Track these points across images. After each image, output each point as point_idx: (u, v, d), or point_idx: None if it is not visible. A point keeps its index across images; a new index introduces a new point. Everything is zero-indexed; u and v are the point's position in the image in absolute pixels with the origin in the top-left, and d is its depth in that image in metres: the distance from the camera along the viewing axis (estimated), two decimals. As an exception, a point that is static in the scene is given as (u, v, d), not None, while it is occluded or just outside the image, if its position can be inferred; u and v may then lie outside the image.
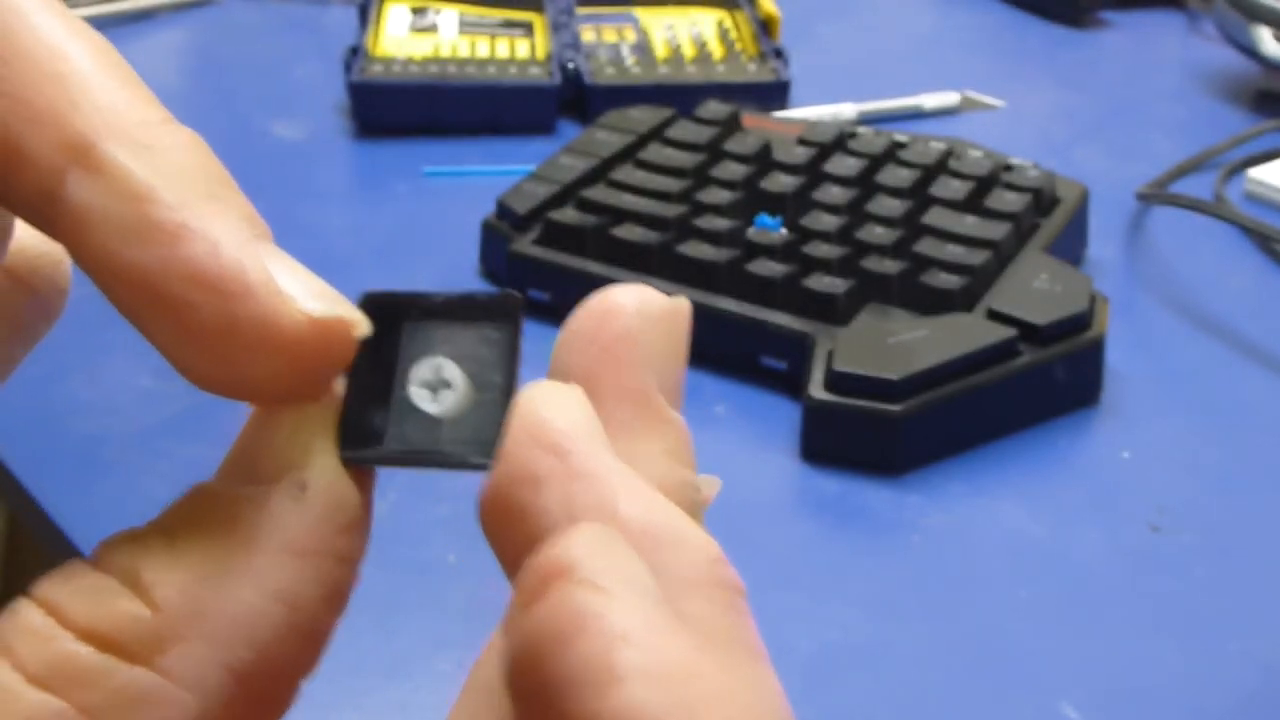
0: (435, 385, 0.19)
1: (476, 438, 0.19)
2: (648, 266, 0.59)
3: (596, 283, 0.64)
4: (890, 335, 0.53)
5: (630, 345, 0.20)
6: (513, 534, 0.18)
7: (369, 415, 0.19)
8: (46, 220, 0.18)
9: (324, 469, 0.19)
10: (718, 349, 0.57)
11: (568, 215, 0.61)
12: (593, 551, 0.17)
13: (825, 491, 0.51)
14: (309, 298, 0.18)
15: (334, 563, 0.18)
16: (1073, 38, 0.99)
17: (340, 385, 0.19)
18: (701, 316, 0.58)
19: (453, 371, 0.19)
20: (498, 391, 0.19)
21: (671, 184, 0.63)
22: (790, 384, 0.55)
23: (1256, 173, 0.75)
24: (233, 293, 0.18)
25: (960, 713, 0.42)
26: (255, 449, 0.19)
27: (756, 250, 0.58)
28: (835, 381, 0.52)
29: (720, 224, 0.59)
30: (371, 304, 0.19)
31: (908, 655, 0.44)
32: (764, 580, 0.47)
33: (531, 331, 0.20)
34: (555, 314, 0.68)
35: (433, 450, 0.19)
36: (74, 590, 0.18)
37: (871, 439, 0.52)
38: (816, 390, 0.52)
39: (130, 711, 0.17)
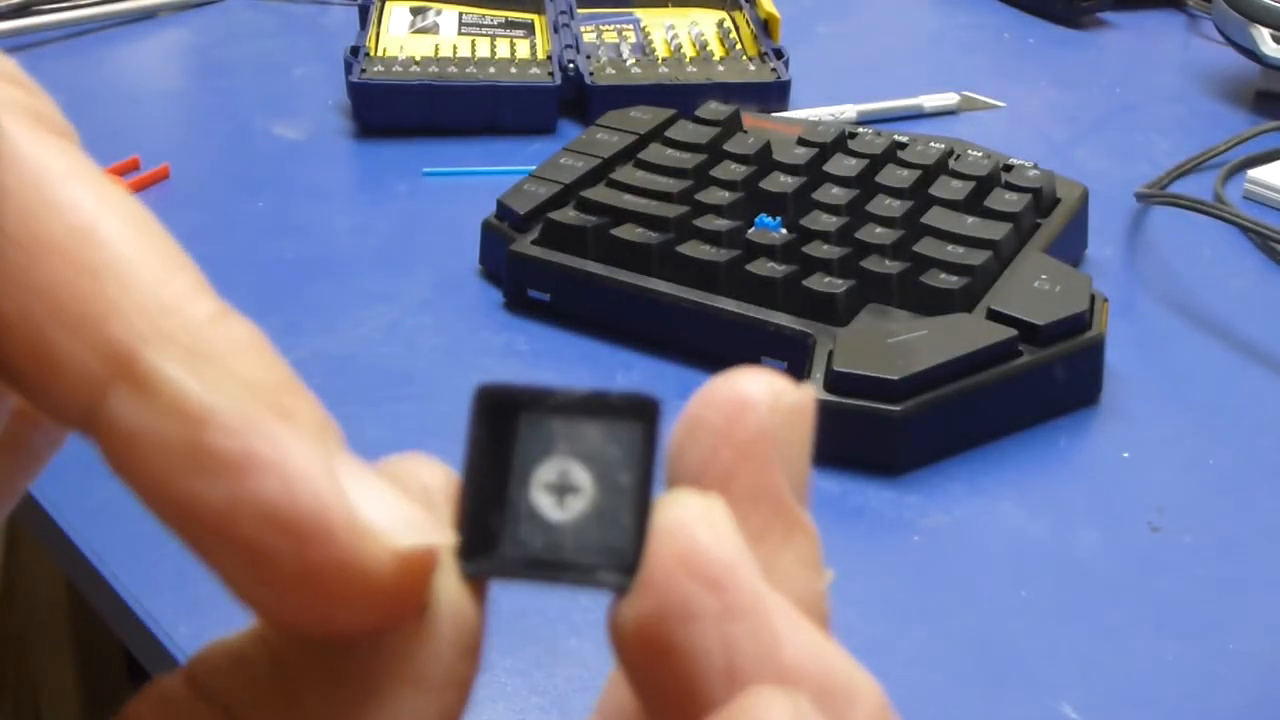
0: (561, 489, 0.17)
1: (607, 548, 0.17)
2: (648, 267, 0.59)
3: (597, 283, 0.65)
4: (890, 335, 0.53)
5: (767, 446, 0.18)
6: (660, 671, 0.17)
7: (484, 521, 0.18)
8: (89, 436, 0.16)
9: (448, 589, 0.17)
10: (718, 349, 0.57)
11: (568, 215, 0.61)
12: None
13: (825, 491, 0.51)
14: (395, 528, 0.16)
15: (457, 692, 0.17)
16: (1073, 38, 0.99)
17: (455, 486, 0.18)
18: (701, 316, 0.59)
19: (581, 475, 0.17)
20: (628, 497, 0.17)
21: (671, 184, 0.63)
22: (790, 384, 0.55)
23: (1256, 173, 0.75)
24: (312, 536, 0.15)
25: (960, 713, 0.42)
26: None
27: (756, 250, 0.58)
28: (835, 381, 0.52)
29: (720, 224, 0.59)
30: (488, 398, 0.18)
31: (908, 655, 0.44)
32: (764, 580, 0.47)
33: (532, 330, 0.19)
34: (555, 314, 0.68)
35: (563, 564, 0.17)
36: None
37: (871, 439, 0.52)
38: (816, 390, 0.52)
39: None
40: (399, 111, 0.78)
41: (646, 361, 0.58)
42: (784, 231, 0.60)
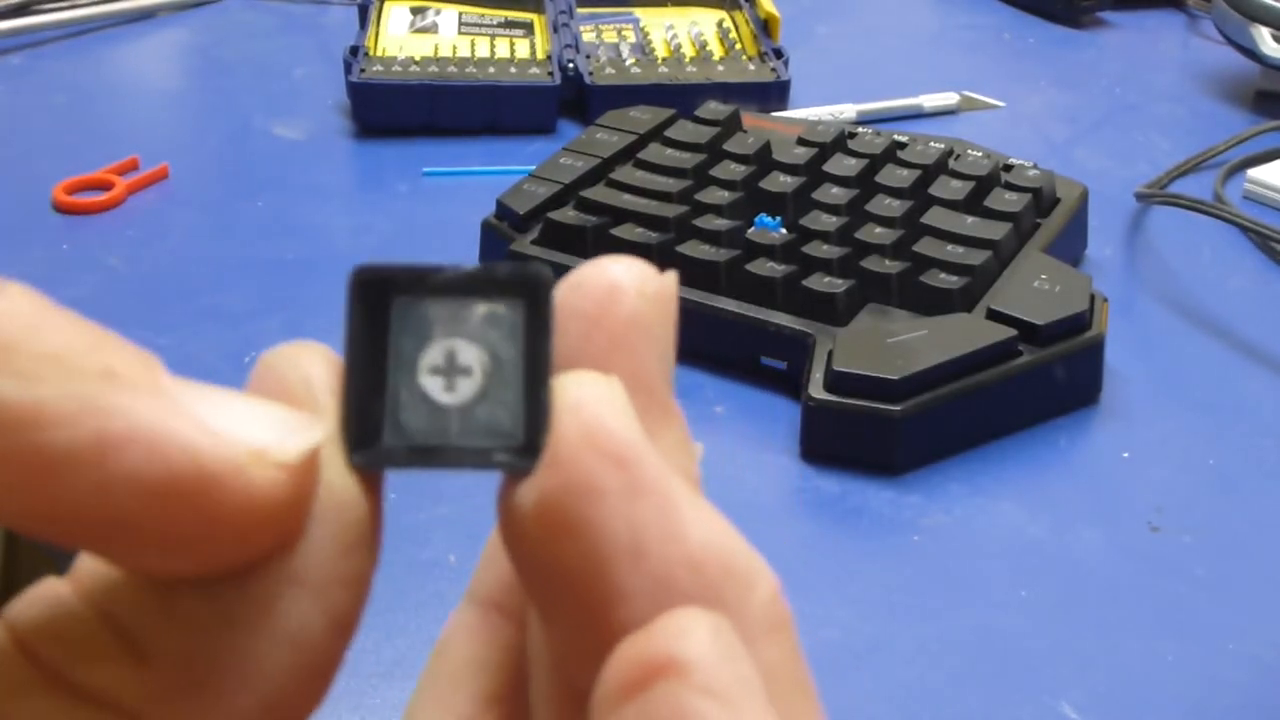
0: (449, 372, 0.17)
1: (499, 430, 0.17)
2: (648, 266, 0.59)
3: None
4: (890, 335, 0.53)
5: (638, 332, 0.18)
6: (562, 551, 0.16)
7: (372, 412, 0.17)
8: None
9: (330, 482, 0.16)
10: (718, 349, 0.57)
11: (568, 215, 0.61)
12: (710, 653, 0.15)
13: (825, 491, 0.51)
14: (274, 439, 0.15)
15: (342, 590, 0.16)
16: (1073, 38, 0.99)
17: (337, 378, 0.17)
18: (701, 316, 0.59)
19: (470, 356, 0.17)
20: (521, 380, 0.17)
21: (671, 184, 0.63)
22: (790, 384, 0.55)
23: (1256, 173, 0.75)
24: (197, 489, 0.15)
25: (960, 713, 0.42)
26: None
27: (756, 250, 0.58)
28: (835, 381, 0.52)
29: (720, 224, 0.59)
30: (365, 279, 0.17)
31: (908, 655, 0.44)
32: (764, 580, 0.47)
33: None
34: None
35: (456, 448, 0.17)
36: (55, 636, 0.15)
37: (871, 439, 0.52)
38: (816, 390, 0.52)
39: None
40: (399, 111, 0.78)
41: (646, 361, 0.58)
42: (784, 231, 0.60)
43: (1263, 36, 0.84)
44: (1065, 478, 0.53)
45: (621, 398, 0.17)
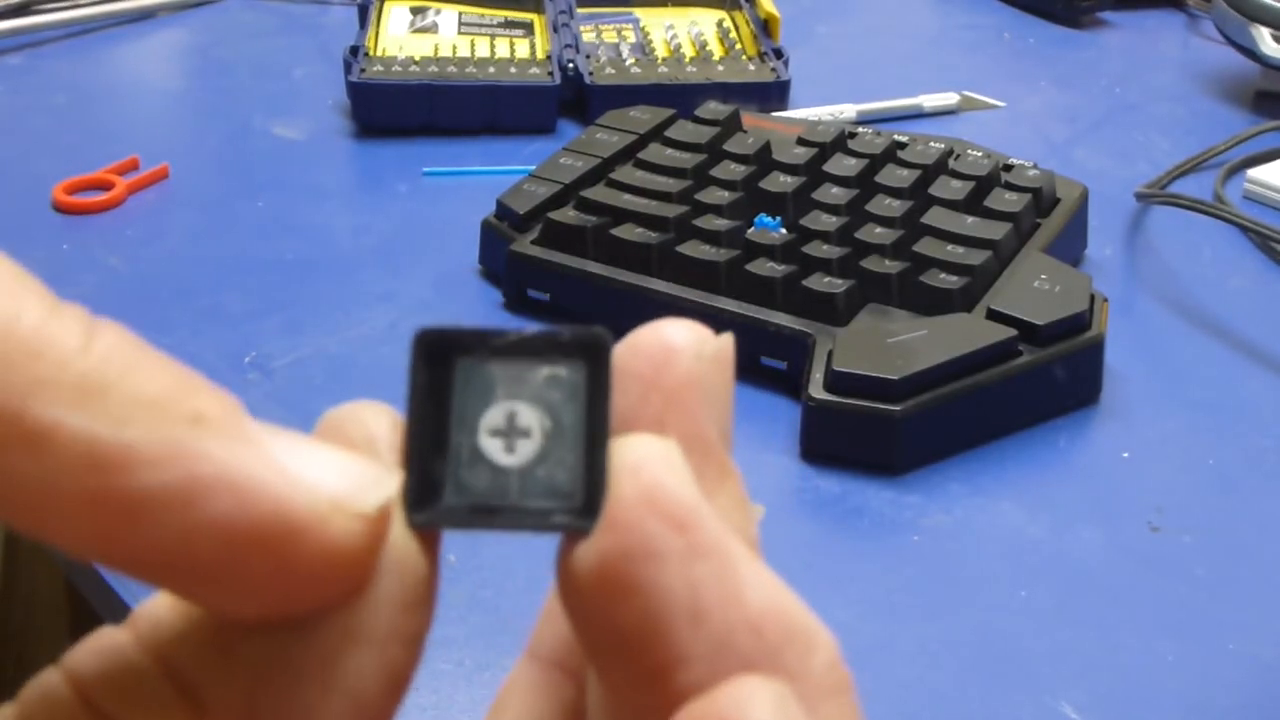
0: (509, 433, 0.17)
1: (557, 491, 0.17)
2: (648, 266, 0.59)
3: (596, 283, 0.65)
4: (890, 335, 0.53)
5: (695, 392, 0.18)
6: (621, 614, 0.16)
7: (430, 470, 0.17)
8: None
9: (393, 540, 0.16)
10: (718, 349, 0.57)
11: (568, 215, 0.61)
12: (772, 716, 0.16)
13: (825, 491, 0.51)
14: (353, 490, 0.16)
15: (401, 648, 0.16)
16: (1073, 38, 0.99)
17: (399, 437, 0.17)
18: (701, 316, 0.58)
19: (530, 417, 0.17)
20: (581, 442, 0.17)
21: (671, 184, 0.63)
22: (790, 384, 0.55)
23: (1256, 173, 0.75)
24: (280, 537, 0.15)
25: (960, 713, 0.42)
26: None
27: (756, 250, 0.58)
28: (835, 381, 0.52)
29: (720, 224, 0.59)
30: (428, 341, 0.17)
31: (908, 655, 0.44)
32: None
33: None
34: (555, 314, 0.68)
35: (515, 508, 0.17)
36: (115, 687, 0.15)
37: (871, 439, 0.52)
38: (816, 390, 0.52)
39: None
40: (399, 111, 0.78)
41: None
42: (784, 231, 0.60)
43: (1263, 36, 0.84)
44: (1065, 478, 0.53)
45: (679, 459, 0.17)
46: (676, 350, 0.18)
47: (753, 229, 0.60)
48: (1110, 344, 0.56)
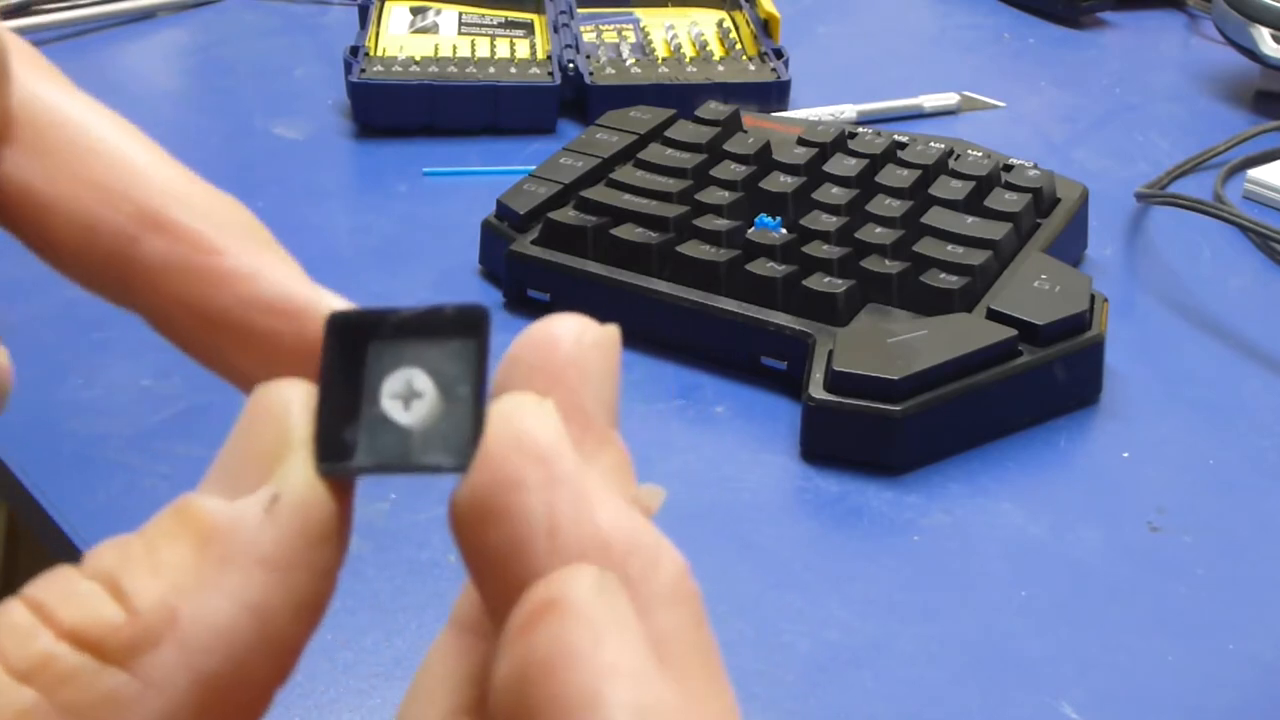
0: (407, 396, 0.20)
1: (448, 445, 0.20)
2: (648, 266, 0.59)
3: (596, 283, 0.65)
4: (890, 335, 0.53)
5: (574, 371, 0.21)
6: (491, 537, 0.19)
7: (343, 429, 0.20)
8: (118, 279, 0.22)
9: (295, 482, 0.19)
10: (718, 349, 0.57)
11: (568, 215, 0.61)
12: (590, 593, 0.18)
13: (825, 491, 0.51)
14: (325, 304, 0.22)
15: (307, 576, 0.19)
16: (1073, 38, 0.99)
17: (313, 400, 0.20)
18: (701, 316, 0.59)
19: (423, 382, 0.20)
20: (467, 400, 0.20)
21: (671, 184, 0.63)
22: (790, 384, 0.55)
23: (1256, 173, 0.75)
24: (311, 316, 0.21)
25: (960, 713, 0.42)
26: (235, 462, 0.20)
27: (756, 250, 0.58)
28: (835, 381, 0.52)
29: (720, 224, 0.59)
30: (338, 323, 0.21)
31: (908, 655, 0.44)
32: (764, 580, 0.47)
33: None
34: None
35: (407, 458, 0.20)
36: (60, 593, 0.18)
37: (871, 439, 0.52)
38: (816, 390, 0.52)
39: (102, 710, 0.18)
40: (399, 111, 0.78)
41: (646, 361, 0.58)
42: (784, 231, 0.60)
43: (1263, 36, 0.84)
44: (1065, 478, 0.53)
45: (549, 411, 0.20)
46: (558, 337, 0.21)
47: (753, 229, 0.60)
48: (1110, 344, 0.56)
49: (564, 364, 0.21)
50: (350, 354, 0.20)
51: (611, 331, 0.22)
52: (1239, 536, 0.50)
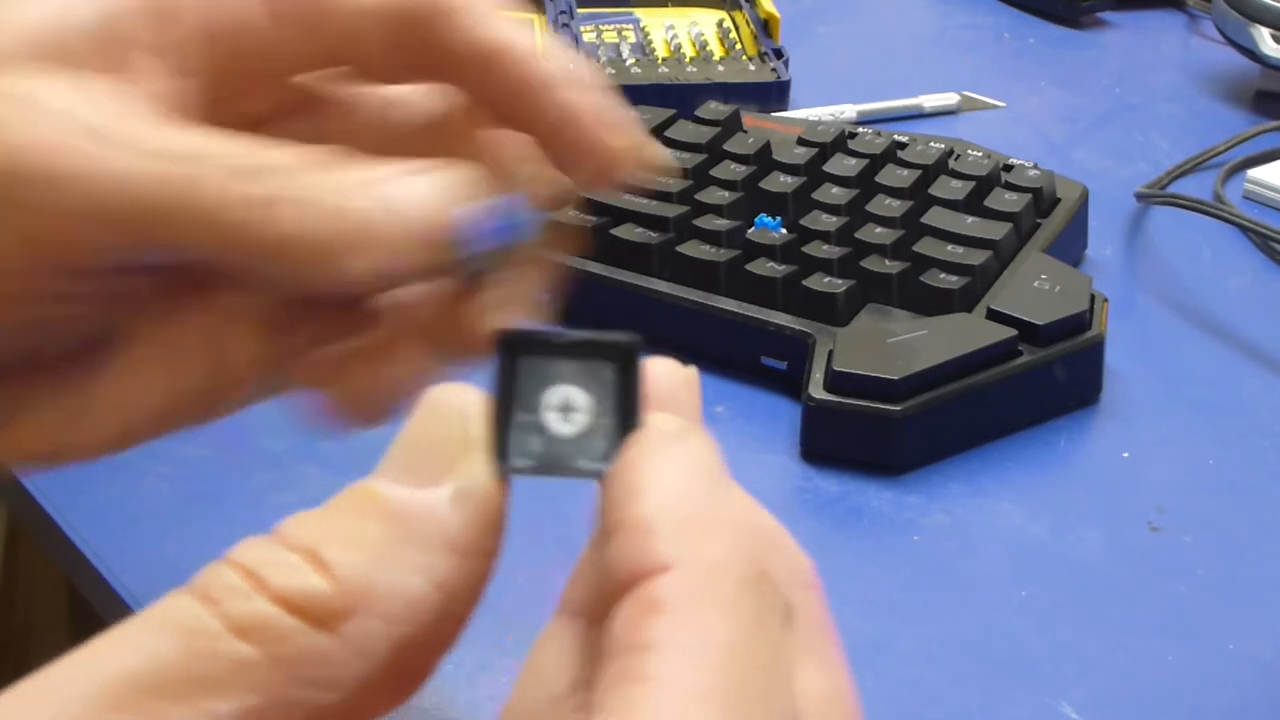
0: (565, 409, 0.23)
1: (594, 454, 0.23)
2: (647, 266, 0.59)
3: (596, 283, 0.64)
4: (890, 335, 0.53)
5: (673, 406, 0.24)
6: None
7: (507, 433, 0.23)
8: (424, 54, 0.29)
9: (480, 477, 0.22)
10: (718, 349, 0.57)
11: (568, 215, 0.61)
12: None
13: (825, 491, 0.51)
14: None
15: (482, 559, 0.22)
16: (1073, 38, 0.99)
17: (485, 405, 0.23)
18: (701, 316, 0.59)
19: (581, 399, 0.23)
20: (610, 417, 0.23)
21: (671, 184, 0.63)
22: (790, 384, 0.55)
23: (1256, 173, 0.75)
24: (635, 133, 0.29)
25: (960, 713, 0.42)
26: (413, 456, 0.22)
27: (756, 250, 0.58)
28: (835, 381, 0.52)
29: (720, 224, 0.59)
30: (512, 340, 0.23)
31: (908, 655, 0.44)
32: (764, 580, 0.47)
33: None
34: (555, 314, 0.68)
35: (563, 463, 0.23)
36: (266, 560, 0.20)
37: (871, 439, 0.52)
38: (816, 390, 0.52)
39: (310, 667, 0.20)
40: (399, 111, 0.78)
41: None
42: (784, 231, 0.60)
43: (1263, 36, 0.84)
44: (1065, 478, 0.53)
45: (696, 426, 0.24)
46: (658, 377, 0.25)
47: (753, 229, 0.60)
48: (1110, 344, 0.56)
49: (664, 400, 0.24)
50: (514, 367, 0.23)
51: (693, 372, 0.26)
52: (1239, 536, 0.50)
